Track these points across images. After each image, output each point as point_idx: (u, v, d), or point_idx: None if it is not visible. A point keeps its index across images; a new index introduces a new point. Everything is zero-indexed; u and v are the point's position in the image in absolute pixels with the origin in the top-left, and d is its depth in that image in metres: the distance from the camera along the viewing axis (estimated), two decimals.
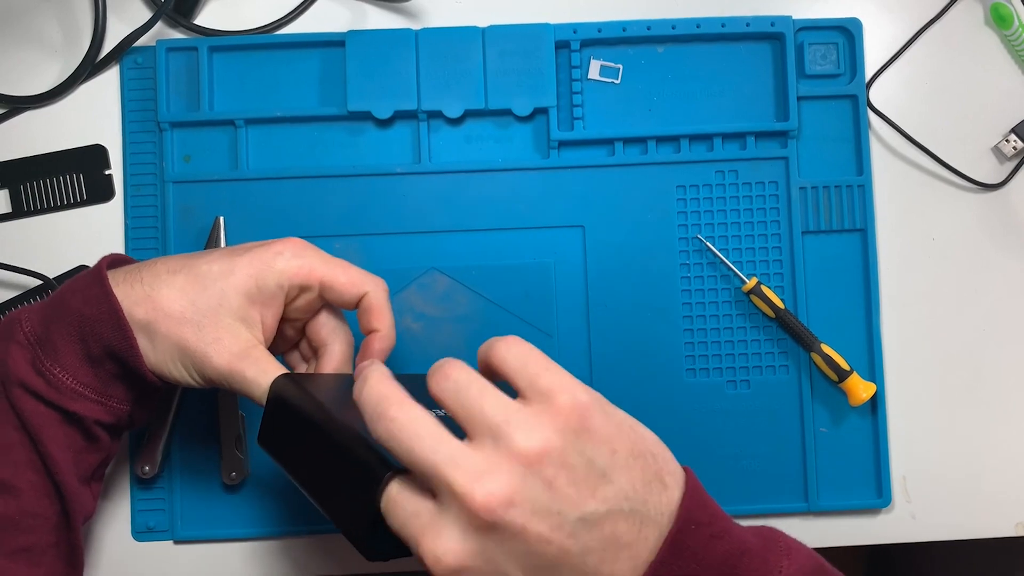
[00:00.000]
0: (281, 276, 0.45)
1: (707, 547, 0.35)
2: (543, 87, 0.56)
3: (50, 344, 0.43)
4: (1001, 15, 0.58)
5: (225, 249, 0.46)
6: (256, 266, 0.44)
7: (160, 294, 0.44)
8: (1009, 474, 0.57)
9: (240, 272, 0.44)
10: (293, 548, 0.56)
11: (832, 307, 0.57)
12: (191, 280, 0.44)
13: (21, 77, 0.57)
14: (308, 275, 0.45)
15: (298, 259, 0.45)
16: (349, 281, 0.46)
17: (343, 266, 0.46)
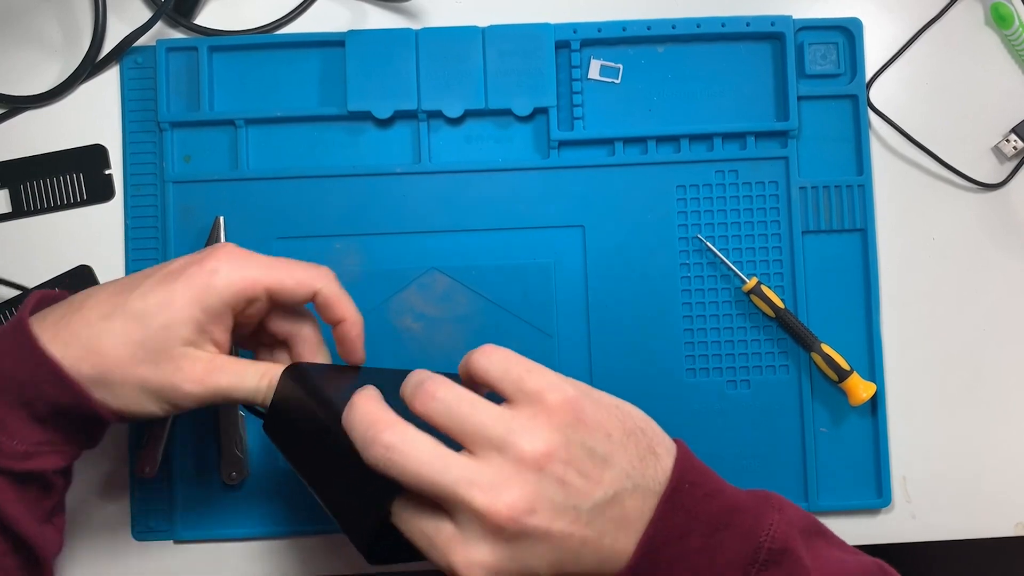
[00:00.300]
0: (224, 295, 0.42)
1: (699, 504, 0.36)
2: (543, 87, 0.56)
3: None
4: (1001, 15, 0.58)
5: (155, 274, 0.43)
6: (194, 290, 0.41)
7: (102, 345, 0.41)
8: (1009, 474, 0.57)
9: (179, 301, 0.41)
10: (293, 548, 0.56)
11: (832, 307, 0.57)
12: (129, 323, 0.41)
13: (21, 77, 0.57)
14: (252, 287, 0.42)
15: (238, 272, 0.42)
16: (296, 283, 0.44)
17: (286, 268, 0.44)
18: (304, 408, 0.40)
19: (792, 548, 0.37)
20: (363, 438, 0.34)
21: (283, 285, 0.43)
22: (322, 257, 0.56)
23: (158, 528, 0.55)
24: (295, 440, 0.40)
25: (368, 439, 0.34)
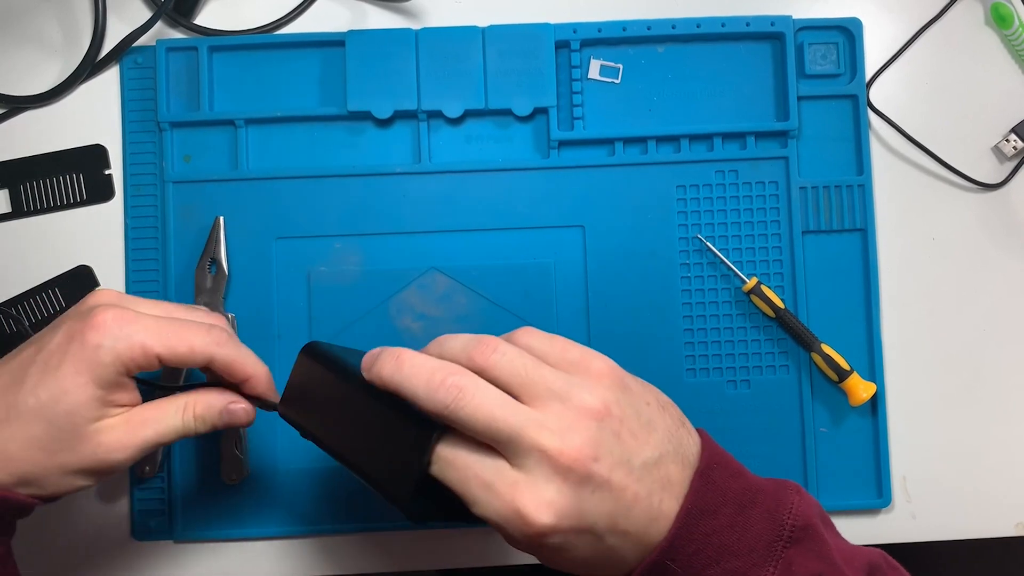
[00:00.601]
0: (115, 367, 0.40)
1: (728, 483, 0.38)
2: (543, 87, 0.56)
3: None
4: (1001, 15, 0.58)
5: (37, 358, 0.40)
6: (83, 371, 0.39)
7: (10, 452, 0.39)
8: (1009, 474, 0.57)
9: (71, 386, 0.39)
10: (293, 548, 0.56)
11: (832, 307, 0.57)
12: (29, 423, 0.39)
13: (21, 77, 0.57)
14: (142, 355, 0.40)
15: (124, 342, 0.40)
16: (188, 351, 0.41)
17: (176, 334, 0.41)
18: (328, 381, 0.40)
19: (814, 525, 0.38)
20: (427, 384, 0.35)
21: (174, 353, 0.41)
22: (322, 257, 0.56)
23: (158, 528, 0.55)
24: (320, 413, 0.41)
25: (435, 383, 0.35)
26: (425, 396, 0.35)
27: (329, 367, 0.41)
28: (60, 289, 0.56)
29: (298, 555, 0.56)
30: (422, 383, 0.35)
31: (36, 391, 0.39)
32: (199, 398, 0.42)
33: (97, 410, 0.40)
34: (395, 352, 0.37)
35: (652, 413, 0.38)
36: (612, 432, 0.36)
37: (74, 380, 0.39)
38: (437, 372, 0.35)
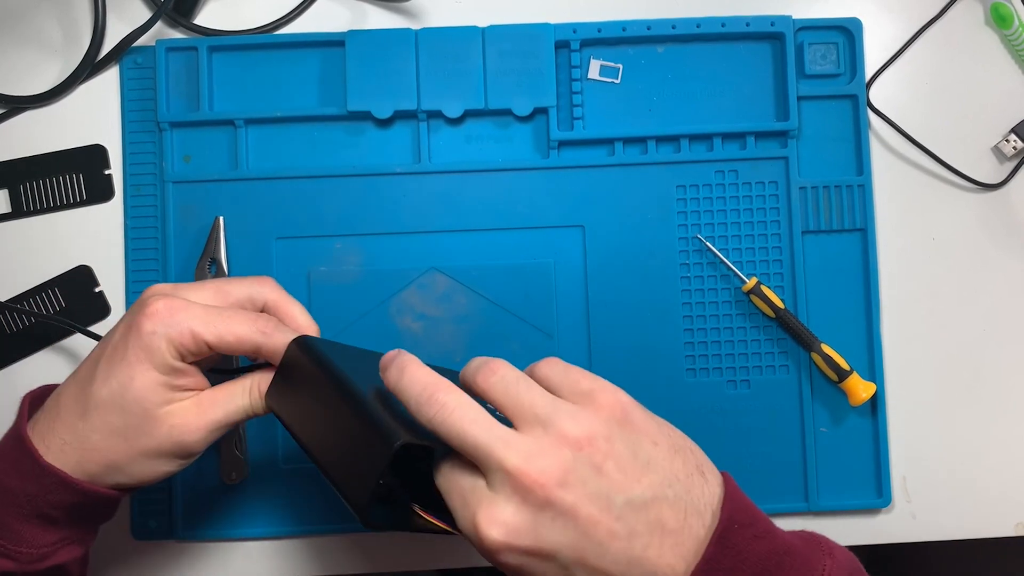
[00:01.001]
0: (171, 352, 0.41)
1: (750, 546, 0.36)
2: (543, 87, 0.56)
3: (5, 528, 0.42)
4: (1001, 15, 0.58)
5: (104, 354, 0.42)
6: (143, 358, 0.41)
7: (93, 444, 0.42)
8: (1009, 474, 0.57)
9: (135, 374, 0.41)
10: (293, 548, 0.56)
11: (832, 307, 0.57)
12: (105, 414, 0.42)
13: (21, 77, 0.57)
14: (193, 341, 0.41)
15: (175, 328, 0.41)
16: (237, 340, 0.42)
17: (226, 322, 0.42)
18: (311, 377, 0.41)
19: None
20: (418, 396, 0.37)
21: (223, 341, 0.42)
22: (322, 257, 0.56)
23: (158, 528, 0.55)
24: (298, 407, 0.41)
25: (424, 398, 0.36)
26: (415, 407, 0.37)
27: (314, 362, 0.41)
28: (60, 289, 0.56)
29: (298, 555, 0.56)
30: (414, 395, 0.37)
31: (108, 382, 0.42)
32: (263, 377, 0.43)
33: (164, 394, 0.42)
34: (403, 360, 0.38)
35: (656, 453, 0.37)
36: (591, 464, 0.35)
37: (137, 367, 0.41)
38: (429, 387, 0.37)
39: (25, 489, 0.41)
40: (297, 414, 0.41)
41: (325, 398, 0.40)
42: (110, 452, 0.42)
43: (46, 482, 0.41)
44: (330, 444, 0.39)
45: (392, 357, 0.39)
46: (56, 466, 0.41)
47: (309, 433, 0.40)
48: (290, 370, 0.42)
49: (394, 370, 0.38)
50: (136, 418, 0.42)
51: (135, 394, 0.41)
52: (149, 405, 0.42)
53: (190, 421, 0.42)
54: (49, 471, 0.41)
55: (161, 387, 0.42)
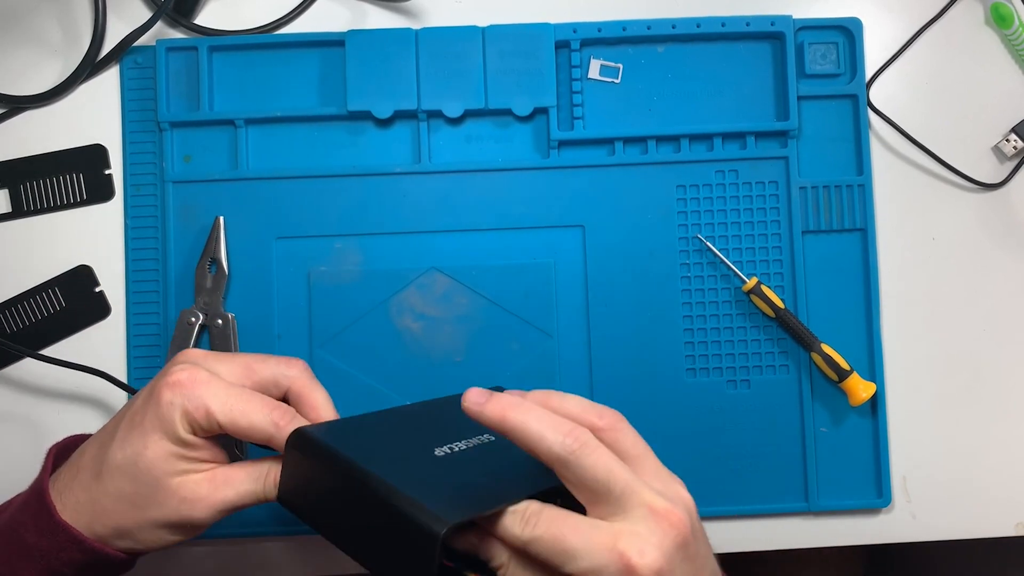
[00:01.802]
0: (184, 427, 0.41)
1: None
2: (543, 87, 0.56)
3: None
4: (1001, 15, 0.58)
5: (125, 416, 0.43)
6: (157, 427, 0.41)
7: (104, 506, 0.42)
8: (1009, 474, 0.57)
9: (149, 442, 0.41)
10: (293, 548, 0.56)
11: (832, 307, 0.57)
12: (117, 478, 0.41)
13: (21, 77, 0.57)
14: (206, 419, 0.41)
15: (192, 403, 0.41)
16: (249, 426, 0.41)
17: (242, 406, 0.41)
18: (321, 474, 0.38)
19: None
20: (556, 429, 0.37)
21: (236, 426, 0.41)
22: (322, 257, 0.56)
23: None
24: (318, 507, 0.39)
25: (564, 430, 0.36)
26: (553, 439, 0.36)
27: (318, 458, 0.39)
28: (60, 289, 0.56)
29: (298, 555, 0.56)
30: (549, 427, 0.37)
31: (123, 447, 0.41)
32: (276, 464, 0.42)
33: (176, 464, 0.41)
34: (513, 396, 0.38)
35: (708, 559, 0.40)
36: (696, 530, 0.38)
37: (151, 436, 0.41)
38: (564, 422, 0.37)
39: (39, 544, 0.41)
40: (319, 513, 0.39)
41: (344, 494, 0.37)
42: (120, 517, 0.41)
43: (59, 539, 0.41)
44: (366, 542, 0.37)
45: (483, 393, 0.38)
46: (71, 524, 0.41)
47: (339, 532, 0.38)
48: (296, 468, 0.40)
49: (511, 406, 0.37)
50: (146, 487, 0.41)
51: (147, 463, 0.41)
52: (160, 475, 0.41)
53: (201, 497, 0.41)
54: (63, 528, 0.41)
55: (173, 457, 0.41)
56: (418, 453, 0.40)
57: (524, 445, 0.37)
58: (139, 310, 0.56)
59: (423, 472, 0.39)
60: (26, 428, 0.56)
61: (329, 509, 0.38)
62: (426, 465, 0.39)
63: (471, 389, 0.38)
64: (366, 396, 0.55)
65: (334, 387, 0.46)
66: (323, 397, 0.45)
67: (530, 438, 0.37)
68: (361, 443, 0.40)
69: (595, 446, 0.36)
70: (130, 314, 0.56)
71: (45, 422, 0.56)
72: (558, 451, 0.36)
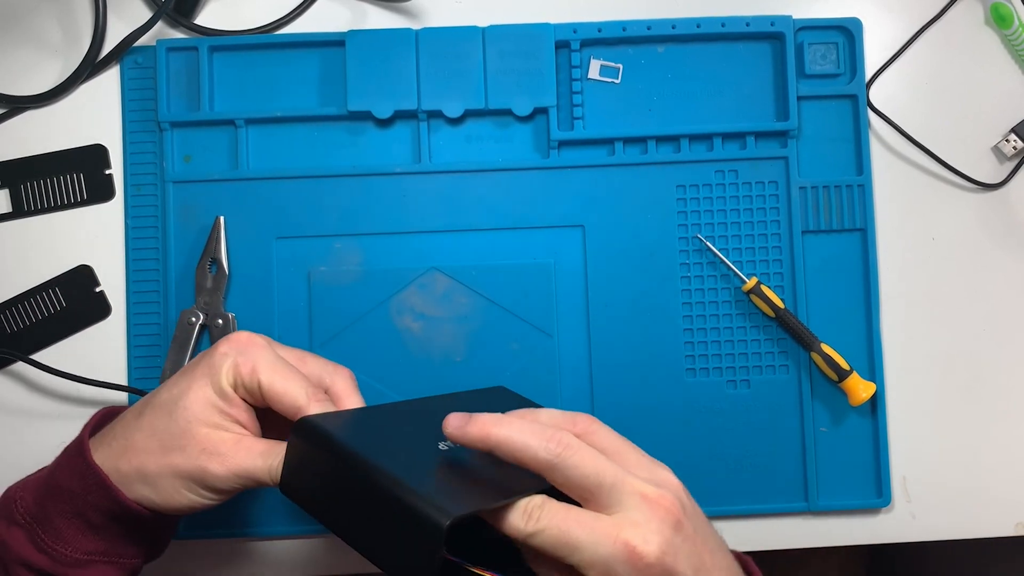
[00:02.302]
0: (228, 377, 0.43)
1: None
2: (543, 87, 0.56)
3: (48, 522, 0.43)
4: (1001, 15, 0.58)
5: (185, 367, 0.45)
6: (205, 373, 0.43)
7: (135, 440, 0.43)
8: (1009, 474, 0.57)
9: (195, 385, 0.43)
10: (293, 548, 0.56)
11: (832, 307, 0.57)
12: (155, 413, 0.43)
13: (21, 77, 0.57)
14: (249, 377, 0.43)
15: (242, 357, 0.43)
16: (284, 393, 0.42)
17: (284, 377, 0.43)
18: (323, 462, 0.38)
19: None
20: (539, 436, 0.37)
21: (272, 389, 0.42)
22: (322, 257, 0.56)
23: None
24: (320, 497, 0.39)
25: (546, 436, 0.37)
26: (537, 445, 0.37)
27: (321, 448, 0.38)
28: (60, 289, 0.56)
29: (298, 555, 0.56)
30: (532, 435, 0.38)
31: (170, 388, 0.44)
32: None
33: (210, 414, 0.43)
34: (491, 415, 0.39)
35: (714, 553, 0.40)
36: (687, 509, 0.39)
37: (198, 380, 0.43)
38: (546, 428, 0.38)
39: (71, 486, 0.43)
40: (321, 503, 0.39)
41: (347, 484, 0.37)
42: (145, 456, 0.43)
43: (88, 482, 0.43)
44: (368, 534, 0.37)
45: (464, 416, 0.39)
46: (100, 467, 0.43)
47: (340, 523, 0.38)
48: (299, 457, 0.39)
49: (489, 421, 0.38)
50: (177, 427, 0.42)
51: (186, 402, 0.43)
52: (192, 418, 0.42)
53: (221, 452, 0.42)
54: (92, 469, 0.43)
55: (210, 406, 0.43)
56: (422, 446, 0.40)
57: (511, 457, 0.38)
58: (139, 310, 0.56)
59: (427, 465, 0.39)
60: (26, 428, 0.56)
61: (331, 499, 0.38)
62: (430, 458, 0.39)
63: (449, 415, 0.39)
64: (366, 396, 0.54)
65: None
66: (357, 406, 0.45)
67: (515, 449, 0.38)
68: (365, 434, 0.40)
69: (578, 446, 0.37)
70: (130, 314, 0.56)
71: (45, 422, 0.56)
72: (544, 456, 0.37)
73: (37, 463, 0.47)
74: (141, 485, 0.43)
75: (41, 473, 0.46)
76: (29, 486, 0.45)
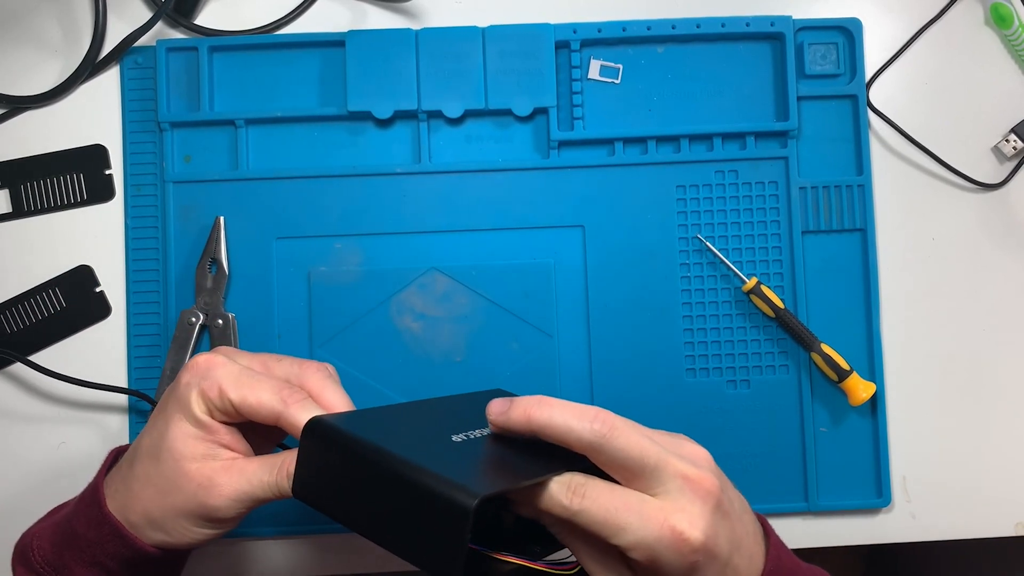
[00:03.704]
0: (198, 407, 0.42)
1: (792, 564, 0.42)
2: (543, 87, 0.56)
3: (66, 571, 0.43)
4: (1001, 15, 0.58)
5: (159, 403, 0.44)
6: (178, 408, 0.42)
7: (135, 491, 0.42)
8: (1009, 474, 0.57)
9: (171, 423, 0.42)
10: (293, 548, 0.56)
11: (832, 307, 0.57)
12: (144, 461, 0.42)
13: (21, 77, 0.57)
14: (219, 398, 0.41)
15: (206, 382, 0.41)
16: (258, 404, 0.41)
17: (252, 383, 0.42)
18: (340, 459, 0.38)
19: None
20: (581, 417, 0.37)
21: (245, 402, 0.41)
22: (322, 257, 0.56)
23: None
24: (337, 496, 0.38)
25: (589, 416, 0.37)
26: (580, 427, 0.37)
27: (336, 443, 0.38)
28: (60, 289, 0.56)
29: (298, 555, 0.56)
30: (574, 416, 0.37)
31: (150, 431, 0.43)
32: (291, 456, 0.41)
33: (196, 448, 0.42)
34: (532, 397, 0.38)
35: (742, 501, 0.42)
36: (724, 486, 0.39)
37: (172, 417, 0.42)
38: (587, 409, 0.38)
39: (87, 535, 0.42)
40: (339, 502, 0.38)
41: (366, 478, 0.36)
42: (147, 503, 0.42)
43: (104, 530, 0.42)
44: (392, 526, 0.36)
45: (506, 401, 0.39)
46: (114, 515, 0.42)
47: (361, 520, 0.37)
48: (313, 457, 0.39)
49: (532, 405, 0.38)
50: (168, 469, 0.42)
51: (168, 444, 0.42)
52: (179, 457, 0.41)
53: (218, 484, 0.41)
54: (107, 519, 0.42)
55: (192, 440, 0.42)
56: (436, 438, 0.40)
57: (555, 438, 0.37)
58: (139, 310, 0.56)
59: (446, 454, 0.38)
60: (26, 428, 0.56)
61: (350, 497, 0.38)
62: (447, 448, 0.39)
63: (492, 401, 0.39)
64: (366, 396, 0.55)
65: None
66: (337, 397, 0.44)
67: (558, 430, 0.37)
68: (378, 429, 0.39)
69: (623, 425, 0.37)
70: (130, 314, 0.56)
71: (45, 422, 0.56)
72: (589, 438, 0.37)
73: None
74: (152, 531, 0.42)
75: (55, 517, 0.45)
76: (45, 533, 0.44)
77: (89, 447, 0.56)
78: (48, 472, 0.56)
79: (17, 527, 0.46)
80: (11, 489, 0.56)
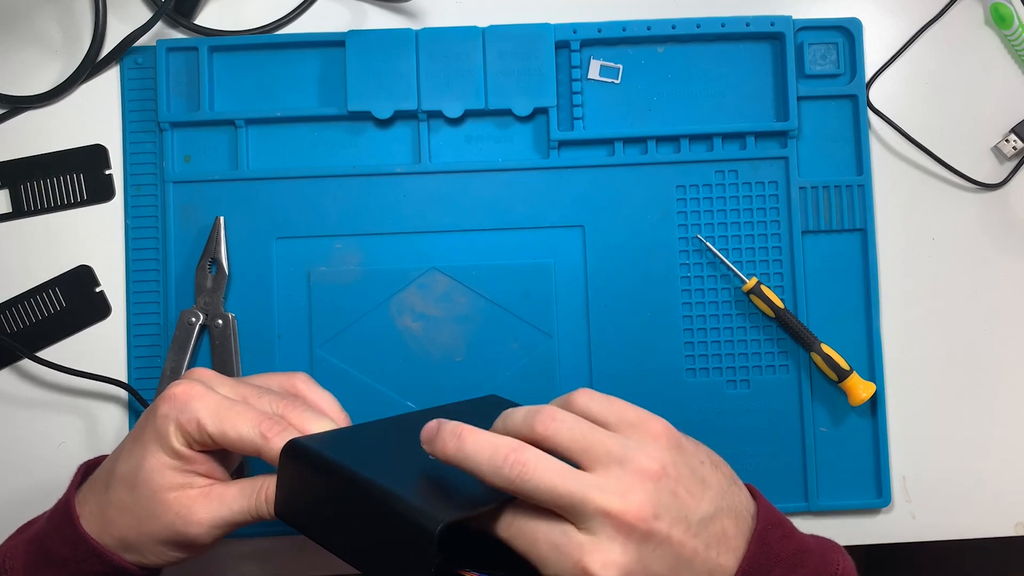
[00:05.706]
0: (176, 440, 0.41)
1: (780, 544, 0.40)
2: (543, 87, 0.56)
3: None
4: (1001, 15, 0.58)
5: (135, 429, 0.43)
6: (154, 439, 0.41)
7: (110, 517, 0.42)
8: (1009, 474, 0.57)
9: (147, 454, 0.41)
10: (293, 548, 0.56)
11: (832, 307, 0.57)
12: (119, 488, 0.42)
13: (21, 77, 0.57)
14: (197, 431, 0.41)
15: (184, 415, 0.41)
16: (238, 438, 0.40)
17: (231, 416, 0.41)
18: (316, 482, 0.38)
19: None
20: (491, 461, 0.36)
21: (224, 436, 0.41)
22: (322, 257, 0.56)
23: None
24: (315, 516, 0.39)
25: (499, 460, 0.36)
26: (490, 472, 0.36)
27: (312, 467, 0.38)
28: (60, 289, 0.56)
29: (298, 555, 0.56)
30: (485, 459, 0.36)
31: (126, 459, 0.42)
32: (272, 482, 0.41)
33: (173, 478, 0.41)
34: (455, 429, 0.37)
35: (706, 472, 0.40)
36: (669, 491, 0.37)
37: (149, 448, 0.41)
38: (500, 448, 0.36)
39: (62, 554, 0.42)
40: (316, 523, 0.38)
41: (340, 501, 0.37)
42: (124, 529, 0.42)
43: (80, 550, 0.42)
44: (364, 547, 0.37)
45: (435, 428, 0.38)
46: (91, 535, 0.42)
47: (336, 541, 0.37)
48: (291, 480, 0.39)
49: (450, 443, 0.37)
50: (145, 499, 0.41)
51: (144, 475, 0.41)
52: (156, 488, 0.41)
53: (195, 512, 0.41)
54: (83, 539, 0.42)
55: (170, 470, 0.41)
56: (411, 458, 0.40)
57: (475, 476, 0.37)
58: (139, 310, 0.56)
59: (416, 475, 0.39)
60: (26, 428, 0.56)
61: (325, 518, 0.38)
62: (419, 469, 0.39)
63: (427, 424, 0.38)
64: (366, 396, 0.55)
65: (334, 387, 0.47)
66: (327, 399, 0.45)
67: (475, 473, 0.37)
68: (354, 450, 0.40)
69: (534, 466, 0.36)
70: (130, 314, 0.56)
71: (45, 422, 0.56)
72: (499, 483, 0.36)
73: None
74: (129, 553, 0.42)
75: (26, 534, 0.44)
76: (18, 552, 0.43)
77: (89, 447, 0.56)
78: (48, 472, 0.56)
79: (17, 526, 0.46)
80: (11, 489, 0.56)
